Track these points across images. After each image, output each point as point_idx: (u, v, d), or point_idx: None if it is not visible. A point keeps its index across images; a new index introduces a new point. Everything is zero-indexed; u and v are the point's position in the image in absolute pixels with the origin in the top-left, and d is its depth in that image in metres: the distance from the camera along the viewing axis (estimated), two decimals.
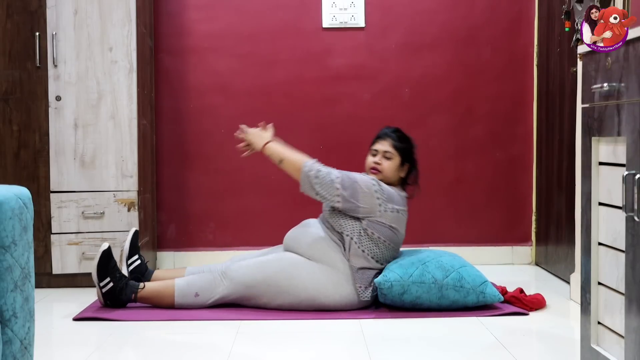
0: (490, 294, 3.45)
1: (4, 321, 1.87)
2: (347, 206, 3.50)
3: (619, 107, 2.10)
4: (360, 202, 3.48)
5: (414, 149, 3.73)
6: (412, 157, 3.71)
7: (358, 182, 3.50)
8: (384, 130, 3.76)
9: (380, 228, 3.51)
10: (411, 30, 4.71)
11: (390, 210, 3.52)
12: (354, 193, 3.48)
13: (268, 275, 3.46)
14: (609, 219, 2.20)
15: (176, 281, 3.52)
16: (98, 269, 3.45)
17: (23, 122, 4.00)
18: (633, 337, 2.01)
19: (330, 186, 3.48)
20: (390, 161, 3.65)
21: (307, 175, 3.49)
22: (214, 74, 4.69)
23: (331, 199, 3.50)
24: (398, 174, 3.67)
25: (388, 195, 3.53)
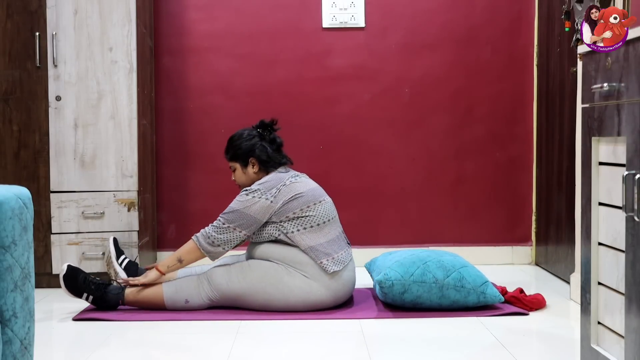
0: (491, 295, 3.45)
1: (4, 321, 1.87)
2: (252, 228, 3.51)
3: (619, 107, 2.10)
4: (253, 214, 3.49)
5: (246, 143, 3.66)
6: (249, 150, 3.65)
7: (233, 207, 3.51)
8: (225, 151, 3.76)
9: (286, 207, 3.50)
10: (411, 30, 4.71)
11: (277, 192, 3.51)
12: (241, 215, 3.49)
13: (254, 284, 3.45)
14: (609, 219, 2.20)
15: (164, 287, 3.50)
16: (70, 290, 3.47)
17: (23, 122, 4.00)
18: (633, 337, 2.01)
19: (223, 231, 3.50)
20: (236, 172, 3.70)
21: (204, 244, 3.51)
22: (214, 74, 4.69)
23: (237, 238, 3.51)
24: (250, 174, 3.67)
25: (263, 187, 3.53)
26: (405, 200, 4.74)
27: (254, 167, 3.66)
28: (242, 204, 3.51)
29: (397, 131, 4.73)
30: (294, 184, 3.56)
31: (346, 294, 3.53)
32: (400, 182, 4.75)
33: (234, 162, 3.70)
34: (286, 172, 3.64)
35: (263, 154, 3.66)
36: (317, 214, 3.52)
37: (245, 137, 3.70)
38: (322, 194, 3.61)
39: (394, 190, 4.75)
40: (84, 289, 3.47)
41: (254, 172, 3.66)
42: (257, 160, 3.65)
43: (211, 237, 3.51)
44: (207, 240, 3.51)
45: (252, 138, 3.68)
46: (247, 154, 3.66)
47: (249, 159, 3.66)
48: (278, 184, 3.55)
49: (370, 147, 4.73)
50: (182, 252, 3.54)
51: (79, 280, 3.47)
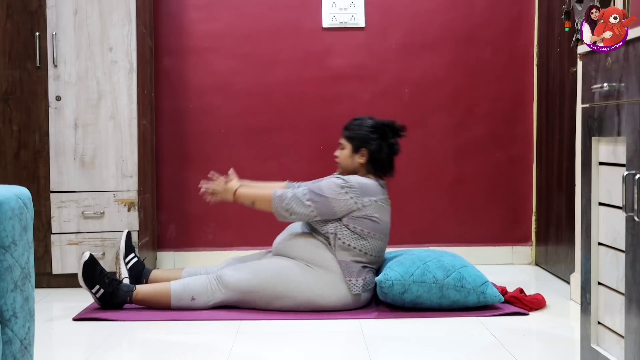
0: (491, 295, 3.45)
1: (4, 321, 1.87)
2: (324, 214, 3.49)
3: (619, 107, 2.10)
4: (335, 208, 3.48)
5: (370, 133, 3.63)
6: (366, 141, 3.63)
7: (324, 191, 3.49)
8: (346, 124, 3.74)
9: (361, 221, 3.49)
10: (411, 30, 4.71)
11: (367, 202, 3.50)
12: (326, 203, 3.47)
13: (263, 281, 3.46)
14: (609, 219, 2.20)
15: (172, 284, 3.50)
16: (84, 279, 3.46)
17: (23, 122, 4.00)
18: (633, 337, 2.01)
19: (302, 205, 3.48)
20: (343, 151, 3.67)
21: (278, 205, 3.50)
22: (214, 74, 4.69)
23: (308, 217, 3.50)
24: (354, 161, 3.64)
25: (361, 188, 3.50)
26: (405, 200, 4.74)
27: (361, 158, 3.63)
28: (334, 194, 3.48)
29: None
30: (382, 207, 3.55)
31: (355, 307, 3.54)
32: (400, 182, 4.74)
33: (347, 142, 3.66)
34: (383, 188, 3.61)
35: (377, 152, 3.63)
36: (372, 246, 3.53)
37: (370, 125, 3.65)
38: (388, 231, 3.61)
39: (394, 190, 4.73)
40: (97, 281, 3.46)
41: (359, 162, 3.63)
42: (368, 155, 3.63)
43: (289, 204, 3.48)
44: (283, 204, 3.49)
45: (376, 131, 3.65)
46: (364, 142, 3.63)
47: (361, 148, 3.63)
48: (373, 196, 3.52)
49: None
50: (258, 196, 3.58)
51: (96, 271, 3.47)
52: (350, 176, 3.57)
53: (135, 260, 3.77)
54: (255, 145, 4.71)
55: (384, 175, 3.68)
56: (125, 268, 3.72)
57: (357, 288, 3.46)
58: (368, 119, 3.69)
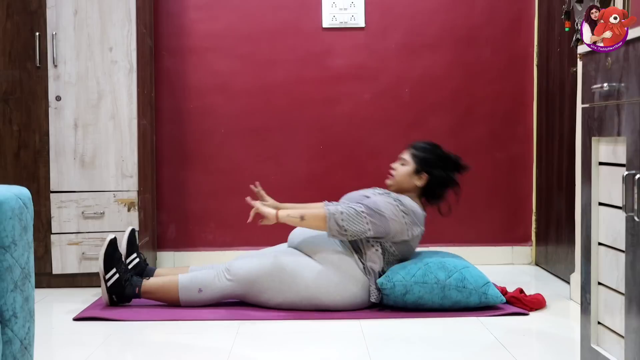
0: (493, 295, 3.45)
1: (4, 321, 1.87)
2: (378, 232, 3.47)
3: (619, 107, 2.10)
4: (391, 229, 3.47)
5: (437, 161, 3.65)
6: (431, 167, 3.63)
7: (383, 211, 3.46)
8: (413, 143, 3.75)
9: (398, 245, 3.53)
10: (411, 30, 4.71)
11: (415, 233, 3.54)
12: (385, 223, 3.45)
13: (271, 271, 3.46)
14: (609, 219, 2.20)
15: (180, 276, 3.53)
16: (105, 259, 3.47)
17: (23, 122, 4.00)
18: (633, 337, 2.01)
19: (359, 221, 3.43)
20: (404, 167, 3.65)
21: (334, 221, 3.42)
22: (214, 74, 4.69)
23: (363, 233, 3.45)
24: (412, 181, 3.63)
25: (414, 216, 3.51)
26: None
27: (419, 181, 3.63)
28: (392, 214, 3.46)
29: (397, 131, 4.72)
30: (419, 236, 3.59)
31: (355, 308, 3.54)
32: None
33: (412, 160, 3.64)
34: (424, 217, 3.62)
35: (436, 181, 3.63)
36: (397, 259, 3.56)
37: (440, 154, 3.66)
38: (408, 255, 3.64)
39: None
40: (116, 265, 3.49)
41: (416, 184, 3.63)
42: (427, 180, 3.63)
43: (344, 220, 3.42)
44: (337, 218, 3.42)
45: (443, 161, 3.65)
46: (427, 166, 3.63)
47: (424, 171, 3.63)
48: (419, 227, 3.55)
49: (370, 147, 4.73)
50: (308, 213, 3.48)
51: (117, 255, 3.51)
52: (404, 198, 3.55)
53: (137, 260, 3.76)
54: (255, 145, 4.71)
55: (431, 204, 3.69)
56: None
57: (376, 296, 3.48)
58: (438, 146, 3.70)
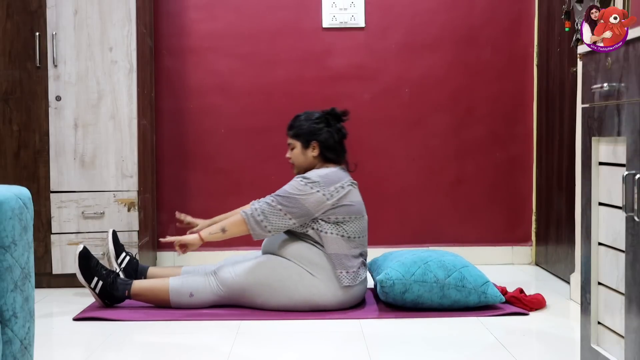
0: (492, 295, 3.45)
1: (4, 321, 1.87)
2: (301, 218, 3.46)
3: (619, 107, 2.10)
4: (308, 205, 3.45)
5: (315, 125, 3.61)
6: (314, 134, 3.61)
7: (291, 192, 3.46)
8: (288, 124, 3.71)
9: (335, 210, 3.48)
10: (411, 30, 4.71)
11: (335, 191, 3.49)
12: (297, 203, 3.44)
13: (260, 278, 3.45)
14: (609, 219, 2.20)
15: (170, 280, 3.51)
16: (81, 272, 3.46)
17: (23, 122, 4.00)
18: (633, 337, 2.01)
19: (274, 212, 3.44)
20: (294, 150, 3.65)
21: (253, 222, 3.44)
22: (214, 74, 4.69)
23: (285, 225, 3.45)
24: (308, 156, 3.62)
25: (323, 180, 3.49)
26: (405, 200, 4.74)
27: (314, 151, 3.62)
28: (300, 191, 3.46)
29: (397, 131, 4.73)
30: (350, 190, 3.53)
31: (352, 304, 3.53)
32: (400, 182, 4.75)
33: (295, 140, 3.64)
34: (345, 172, 3.61)
35: (328, 140, 3.61)
36: (354, 227, 3.52)
37: (314, 118, 3.65)
38: (364, 210, 3.60)
39: (394, 190, 4.75)
40: (95, 273, 3.46)
41: (313, 155, 3.62)
42: (319, 145, 3.61)
43: (260, 215, 3.43)
44: (255, 218, 3.43)
45: (320, 121, 3.64)
46: (312, 135, 3.61)
47: (311, 141, 3.61)
48: (337, 182, 3.51)
49: (370, 147, 4.73)
50: (227, 224, 3.47)
51: (92, 263, 3.47)
52: (309, 172, 3.56)
53: (128, 259, 3.76)
54: (255, 145, 4.71)
55: (339, 162, 3.66)
56: (117, 266, 3.71)
57: (348, 280, 3.44)
58: (310, 112, 3.68)
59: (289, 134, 3.67)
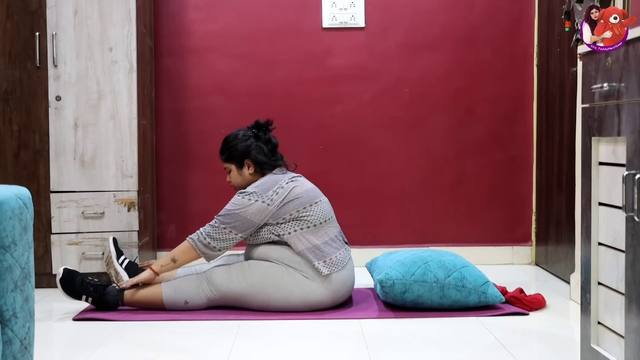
0: (492, 295, 3.45)
1: (4, 321, 1.87)
2: (249, 231, 3.49)
3: (619, 107, 2.10)
4: (250, 217, 3.47)
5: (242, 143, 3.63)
6: (244, 152, 3.63)
7: (229, 208, 3.49)
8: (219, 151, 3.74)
9: (283, 210, 3.48)
10: (411, 30, 4.71)
11: (273, 194, 3.50)
12: (238, 218, 3.47)
13: (253, 284, 3.45)
14: (609, 219, 2.20)
15: (162, 288, 3.49)
16: (68, 294, 3.46)
17: (23, 122, 4.00)
18: (633, 337, 2.01)
19: (219, 232, 3.48)
20: (231, 173, 3.69)
21: (201, 246, 3.48)
22: (214, 74, 4.69)
23: (233, 241, 3.49)
24: (245, 175, 3.65)
25: (259, 189, 3.51)
26: (405, 200, 4.74)
27: (249, 169, 3.65)
28: (238, 206, 3.49)
29: (397, 131, 4.73)
30: (292, 186, 3.54)
31: (346, 294, 3.53)
32: (400, 182, 4.75)
33: (229, 164, 3.68)
34: (282, 173, 3.63)
35: (259, 155, 3.63)
36: (313, 214, 3.51)
37: (240, 137, 3.68)
38: (319, 194, 3.60)
39: (394, 190, 4.75)
40: (82, 291, 3.47)
41: (250, 173, 3.65)
42: (253, 162, 3.63)
43: (206, 238, 3.49)
44: (202, 242, 3.49)
45: (247, 139, 3.66)
46: (243, 155, 3.65)
47: (244, 160, 3.64)
48: (274, 186, 3.53)
49: (370, 147, 4.73)
50: (177, 253, 3.52)
51: (76, 282, 3.46)
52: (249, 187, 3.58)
53: (128, 261, 3.77)
54: None
55: (274, 168, 3.66)
56: (122, 268, 3.72)
57: (325, 268, 3.43)
58: (236, 132, 3.71)
59: (222, 159, 3.71)
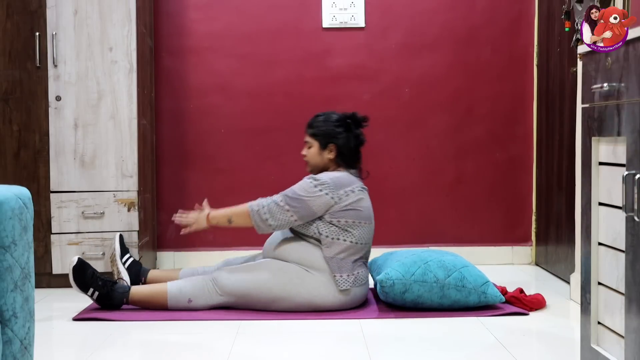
0: (492, 295, 3.45)
1: (4, 321, 1.87)
2: (305, 218, 3.48)
3: (619, 107, 2.10)
4: (314, 208, 3.46)
5: (335, 127, 3.62)
6: (333, 136, 3.61)
7: (299, 193, 3.48)
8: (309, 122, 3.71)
9: (343, 213, 3.48)
10: (411, 30, 4.71)
11: (343, 194, 3.49)
12: (304, 205, 3.46)
13: (260, 284, 3.45)
14: (609, 219, 2.20)
15: (168, 286, 3.49)
16: (78, 284, 3.45)
17: (23, 122, 4.00)
18: (633, 337, 2.01)
19: (281, 212, 3.47)
20: (311, 149, 3.65)
21: (257, 216, 3.48)
22: (214, 74, 4.69)
23: (289, 223, 3.48)
24: (324, 157, 3.62)
25: (334, 183, 3.49)
26: (405, 200, 4.74)
27: (330, 153, 3.62)
28: (308, 193, 3.47)
29: (396, 131, 4.73)
30: (360, 195, 3.53)
31: (353, 305, 3.53)
32: (400, 182, 4.75)
33: (313, 140, 3.64)
34: (357, 177, 3.61)
35: (346, 145, 3.61)
36: (361, 233, 3.51)
37: (333, 120, 3.64)
38: (372, 217, 3.60)
39: (394, 190, 4.75)
40: (91, 284, 3.45)
41: (329, 158, 3.62)
42: (337, 150, 3.61)
43: (266, 214, 3.47)
44: (260, 215, 3.47)
45: (340, 125, 3.63)
46: (331, 138, 3.61)
47: (329, 144, 3.62)
48: (348, 186, 3.51)
49: (370, 147, 4.71)
50: (234, 214, 3.52)
51: (87, 274, 3.45)
52: (321, 174, 3.56)
53: (132, 260, 3.77)
54: (255, 145, 4.71)
55: (353, 167, 3.66)
56: (123, 268, 3.72)
57: (347, 284, 3.44)
58: (331, 113, 3.68)
59: (308, 132, 3.67)
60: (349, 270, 3.46)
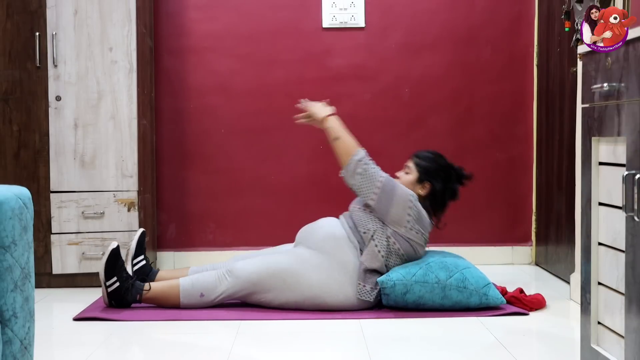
0: (493, 296, 3.45)
1: (4, 321, 1.87)
2: (379, 207, 3.50)
3: (619, 107, 2.10)
4: (392, 208, 3.48)
5: (440, 171, 3.67)
6: (434, 177, 3.65)
7: (397, 190, 3.50)
8: (417, 152, 3.77)
9: (404, 242, 3.51)
10: (411, 30, 4.71)
11: (416, 230, 3.52)
12: (390, 198, 3.48)
13: (275, 271, 3.46)
14: (609, 219, 2.20)
15: (181, 281, 3.51)
16: (106, 268, 3.45)
17: (23, 122, 4.00)
18: (633, 337, 2.01)
19: (372, 183, 3.49)
20: (408, 175, 3.67)
21: (356, 164, 3.52)
22: (214, 74, 4.69)
23: (366, 195, 3.50)
24: (415, 189, 3.63)
25: (419, 215, 3.52)
26: None
27: (422, 190, 3.64)
28: (401, 200, 3.48)
29: (397, 131, 4.73)
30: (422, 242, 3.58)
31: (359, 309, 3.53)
32: None
33: (415, 168, 3.67)
34: (431, 224, 3.64)
35: (440, 191, 3.65)
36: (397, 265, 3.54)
37: (442, 164, 3.69)
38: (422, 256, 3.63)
39: None
40: (117, 274, 3.46)
41: (419, 193, 3.64)
42: (431, 189, 3.64)
43: (363, 170, 3.50)
44: (359, 165, 3.51)
45: (446, 172, 3.67)
46: (431, 177, 3.64)
47: (426, 181, 3.64)
48: (423, 229, 3.55)
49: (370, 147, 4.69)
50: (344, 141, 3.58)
51: (118, 263, 3.47)
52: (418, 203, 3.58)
53: (144, 263, 3.75)
54: (255, 145, 4.71)
55: (435, 213, 3.69)
56: (131, 269, 3.71)
57: (366, 295, 3.46)
58: (442, 157, 3.73)
59: (415, 160, 3.70)
60: (373, 284, 3.48)
